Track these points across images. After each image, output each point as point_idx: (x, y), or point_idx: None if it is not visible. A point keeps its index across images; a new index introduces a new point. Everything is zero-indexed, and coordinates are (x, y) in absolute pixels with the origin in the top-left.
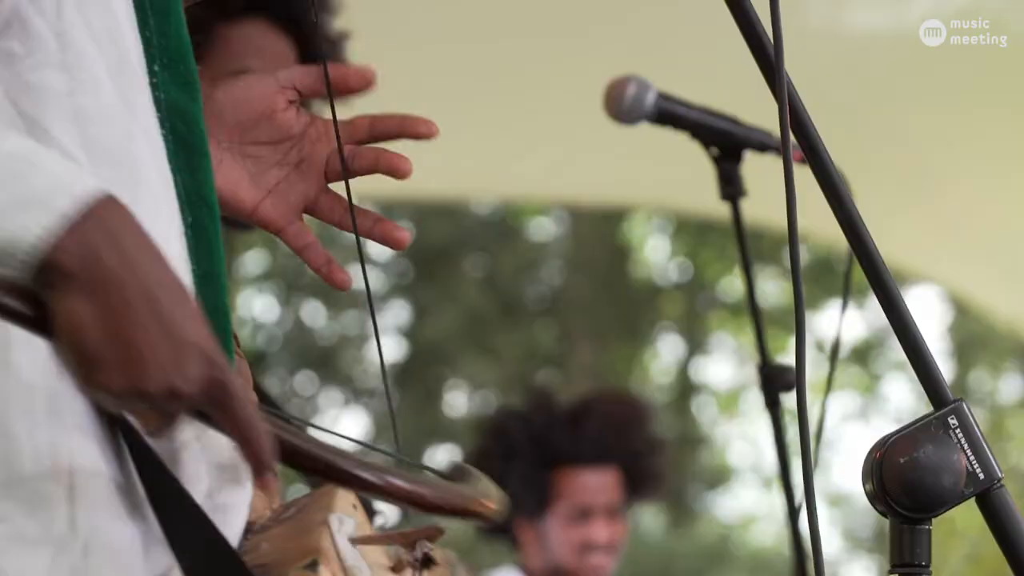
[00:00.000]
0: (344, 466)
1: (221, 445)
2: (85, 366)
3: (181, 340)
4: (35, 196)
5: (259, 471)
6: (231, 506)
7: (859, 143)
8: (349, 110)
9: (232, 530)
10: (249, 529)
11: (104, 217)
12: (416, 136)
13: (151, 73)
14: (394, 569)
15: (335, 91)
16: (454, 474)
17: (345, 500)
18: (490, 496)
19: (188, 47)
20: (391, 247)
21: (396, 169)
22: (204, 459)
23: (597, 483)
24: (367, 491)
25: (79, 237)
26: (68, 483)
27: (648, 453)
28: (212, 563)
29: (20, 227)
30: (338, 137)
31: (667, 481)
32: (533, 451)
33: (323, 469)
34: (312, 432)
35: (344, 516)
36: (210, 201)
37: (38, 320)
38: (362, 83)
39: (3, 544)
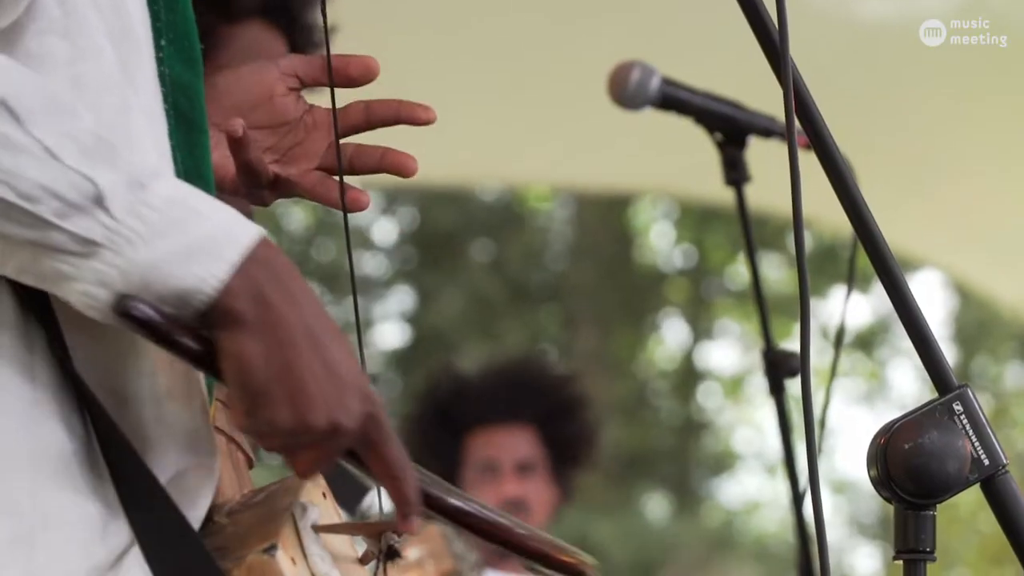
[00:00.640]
0: (478, 515)
1: (188, 428)
2: (252, 402)
3: (343, 377)
4: (204, 246)
5: (406, 512)
6: (195, 489)
7: (864, 130)
8: (353, 97)
9: (196, 512)
10: (217, 512)
11: (266, 259)
12: (414, 122)
13: (157, 47)
14: (361, 560)
15: (337, 81)
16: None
17: (314, 488)
18: (585, 555)
19: (194, 24)
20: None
21: (402, 167)
22: (171, 438)
23: (505, 440)
24: (499, 542)
25: (246, 281)
26: (30, 455)
27: (566, 413)
28: (172, 543)
29: (194, 276)
30: (335, 124)
31: (596, 445)
32: (437, 424)
33: (455, 517)
34: None
35: (309, 504)
36: (207, 177)
37: (207, 358)
38: (364, 73)
39: None
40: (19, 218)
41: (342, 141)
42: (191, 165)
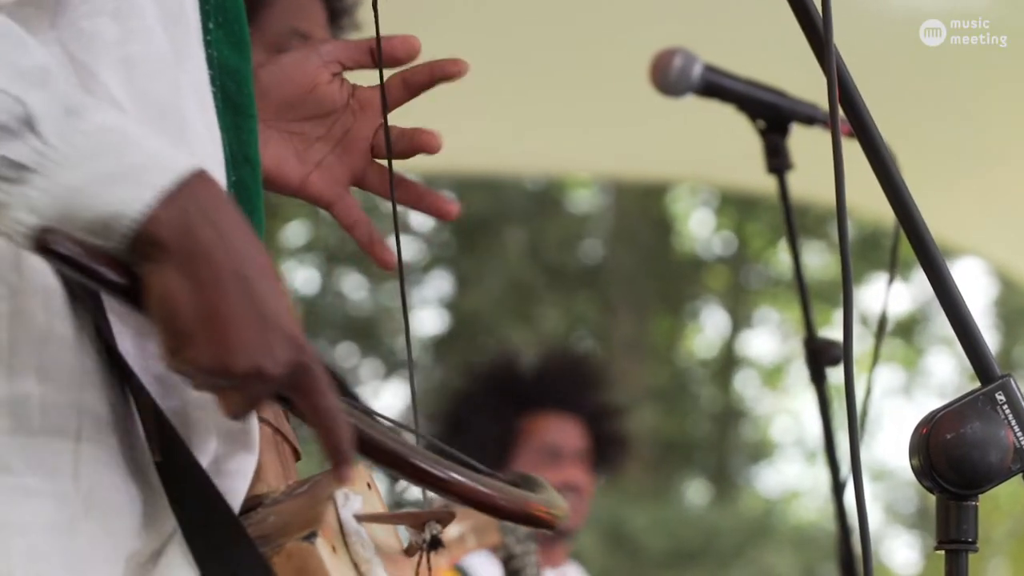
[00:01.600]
0: (416, 461)
1: None
2: (175, 340)
3: (270, 322)
4: (133, 170)
5: (339, 462)
6: (237, 472)
7: (907, 117)
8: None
9: (236, 497)
10: (260, 503)
11: (199, 192)
12: (448, 78)
13: (205, 30)
14: (407, 552)
15: (382, 62)
16: (519, 481)
17: (359, 478)
18: (556, 504)
19: (242, 8)
20: (440, 218)
21: (427, 146)
22: (213, 424)
23: (567, 427)
24: (437, 488)
25: (175, 211)
26: (75, 439)
27: (612, 417)
28: (215, 531)
29: (120, 200)
30: (384, 110)
31: (630, 449)
32: (499, 398)
33: (396, 463)
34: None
35: (352, 493)
36: (254, 160)
37: (131, 291)
38: (409, 52)
39: (6, 494)
40: None
41: (384, 126)
42: (238, 148)
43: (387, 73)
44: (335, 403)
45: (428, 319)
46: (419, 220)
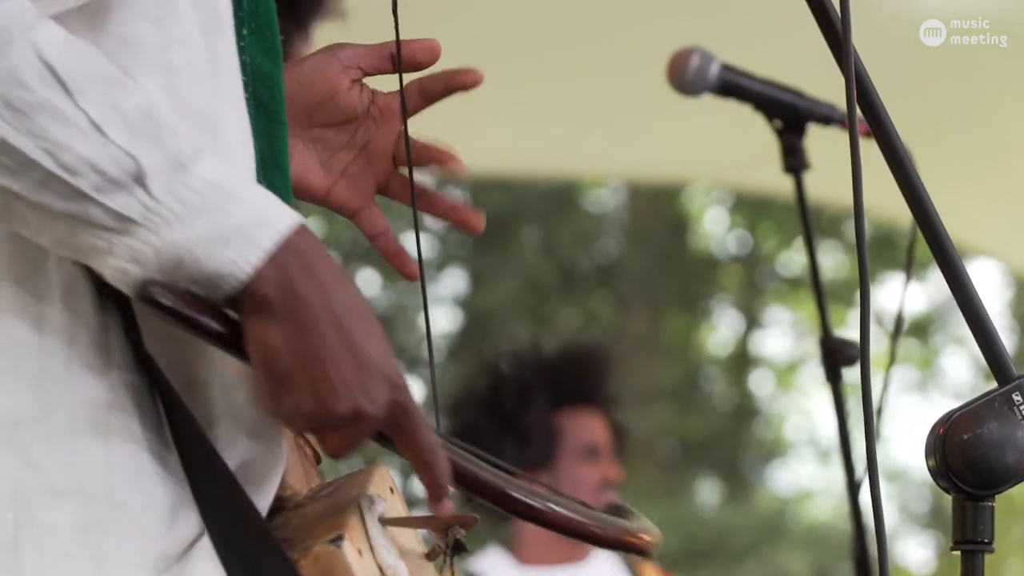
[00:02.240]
0: (514, 494)
1: (256, 414)
2: (276, 386)
3: (367, 364)
4: (238, 231)
5: (436, 496)
6: (264, 476)
7: (925, 118)
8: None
9: (264, 500)
10: (284, 506)
11: (299, 246)
12: (463, 87)
13: (239, 36)
14: (428, 556)
15: (403, 66)
16: (612, 510)
17: (382, 482)
18: (648, 530)
19: (275, 15)
20: (466, 231)
21: (444, 162)
22: (241, 427)
23: (596, 423)
24: (536, 520)
25: (277, 268)
26: (104, 439)
27: (619, 405)
28: (242, 532)
29: (228, 261)
30: (404, 116)
31: (628, 439)
32: (539, 394)
33: (494, 496)
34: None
35: (376, 497)
36: (284, 167)
37: (233, 340)
38: (430, 56)
39: (34, 495)
40: (59, 189)
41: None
42: (269, 155)
43: (406, 78)
44: (433, 439)
45: (443, 317)
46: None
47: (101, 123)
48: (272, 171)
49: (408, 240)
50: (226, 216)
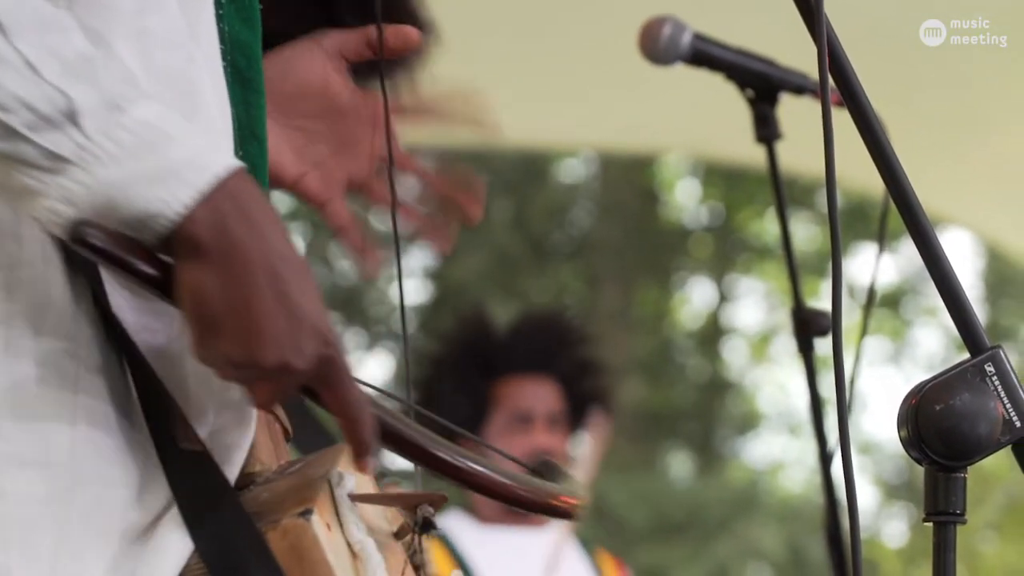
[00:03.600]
0: (437, 452)
1: (226, 385)
2: (205, 333)
3: (299, 316)
4: (171, 170)
5: (360, 454)
6: (233, 446)
7: (925, 117)
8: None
9: (232, 470)
10: (254, 481)
11: (235, 190)
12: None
13: (217, 5)
14: (397, 535)
15: (378, 54)
16: (542, 468)
17: (351, 458)
18: (575, 494)
19: None
20: (437, 250)
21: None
22: (210, 397)
23: (537, 391)
24: (458, 480)
25: (212, 210)
26: (71, 409)
27: (587, 371)
28: (210, 503)
29: (158, 199)
30: (386, 103)
31: (612, 404)
32: (468, 364)
33: (417, 453)
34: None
35: (345, 473)
36: (261, 137)
37: (163, 284)
38: (403, 44)
39: (1, 463)
40: None
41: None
42: (246, 123)
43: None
44: (359, 395)
45: (413, 290)
46: (403, 190)
47: (36, 63)
48: (249, 140)
49: (384, 215)
50: (160, 157)
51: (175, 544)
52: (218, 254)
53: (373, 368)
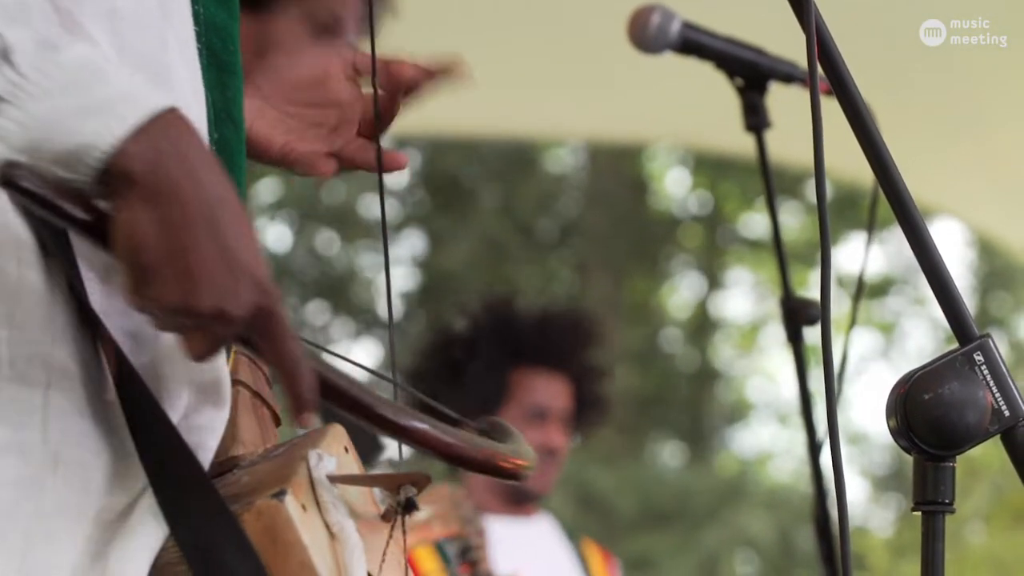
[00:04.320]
0: (379, 409)
1: (201, 365)
2: (139, 277)
3: (236, 263)
4: (106, 104)
5: (299, 407)
6: (207, 427)
7: (925, 117)
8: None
9: (206, 452)
10: (238, 464)
11: (171, 129)
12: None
13: None
14: (384, 518)
15: (390, 84)
16: (488, 430)
17: (335, 441)
18: (522, 455)
19: None
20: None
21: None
22: (184, 379)
23: (555, 388)
24: (400, 436)
25: (146, 146)
26: (44, 392)
27: (598, 375)
28: (184, 488)
29: (91, 132)
30: (374, 76)
31: (609, 412)
32: (493, 347)
33: (358, 409)
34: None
35: (325, 454)
36: (237, 119)
37: (95, 227)
38: (416, 79)
39: None
40: None
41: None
42: (222, 106)
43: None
44: (297, 348)
45: (401, 277)
46: (393, 179)
47: None
48: (225, 123)
49: (370, 203)
50: (94, 92)
51: (150, 527)
52: (153, 192)
53: (361, 356)
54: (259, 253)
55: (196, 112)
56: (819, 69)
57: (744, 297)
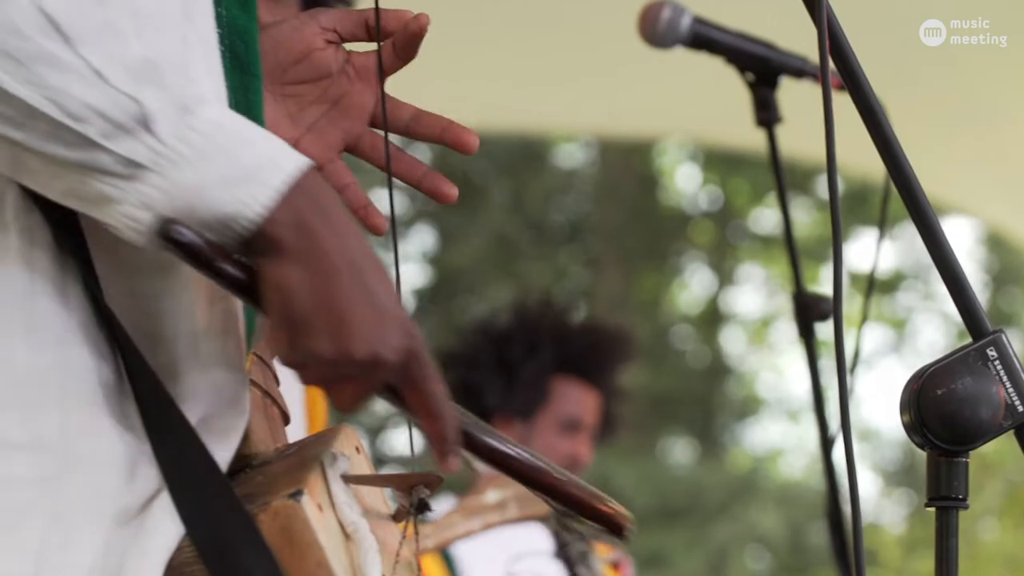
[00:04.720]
0: (518, 459)
1: (221, 367)
2: (293, 331)
3: (384, 309)
4: (249, 172)
5: (444, 452)
6: (226, 430)
7: (925, 117)
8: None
9: (224, 455)
10: (250, 464)
11: (310, 187)
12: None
13: None
14: (395, 518)
15: (373, 35)
16: None
17: (347, 441)
18: (628, 515)
19: None
20: (439, 201)
21: (463, 143)
22: (203, 382)
23: (588, 400)
24: (537, 488)
25: (290, 208)
26: (61, 393)
27: (621, 397)
28: (201, 488)
29: (238, 201)
30: (381, 78)
31: (621, 430)
32: (547, 353)
33: (497, 460)
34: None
35: (339, 454)
36: (259, 120)
37: (249, 286)
38: (398, 26)
39: None
40: (66, 138)
41: (395, 97)
42: (244, 108)
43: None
44: (443, 392)
45: (412, 274)
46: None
47: (101, 69)
48: None
49: (379, 197)
50: (235, 157)
51: (166, 527)
52: (300, 252)
53: None
54: (400, 299)
55: None
56: (831, 64)
57: (755, 293)
